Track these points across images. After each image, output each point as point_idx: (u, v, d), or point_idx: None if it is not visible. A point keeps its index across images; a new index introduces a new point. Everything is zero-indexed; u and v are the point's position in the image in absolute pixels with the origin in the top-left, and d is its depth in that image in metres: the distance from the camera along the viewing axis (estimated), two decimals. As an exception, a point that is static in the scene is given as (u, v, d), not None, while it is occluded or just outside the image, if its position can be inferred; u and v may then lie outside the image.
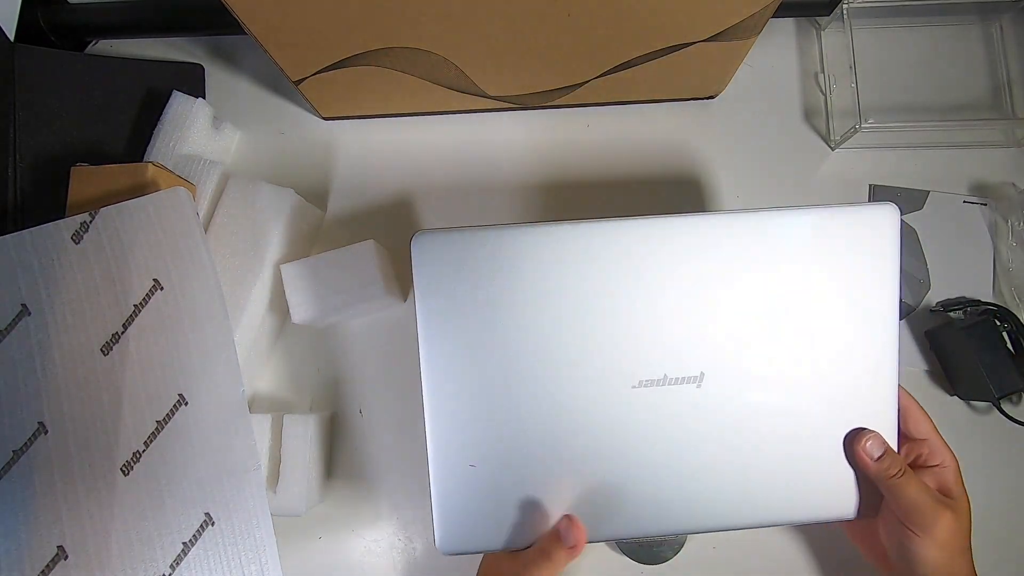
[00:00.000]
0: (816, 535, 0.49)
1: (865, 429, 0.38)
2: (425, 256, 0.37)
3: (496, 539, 0.38)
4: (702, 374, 0.37)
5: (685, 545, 0.47)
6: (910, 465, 0.39)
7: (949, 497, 0.39)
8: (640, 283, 0.37)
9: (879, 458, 0.38)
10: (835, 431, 0.38)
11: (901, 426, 0.40)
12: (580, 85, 0.52)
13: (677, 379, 0.37)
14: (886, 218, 0.37)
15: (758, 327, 0.37)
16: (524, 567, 0.37)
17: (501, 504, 0.37)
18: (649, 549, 0.47)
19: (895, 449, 0.39)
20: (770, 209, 0.37)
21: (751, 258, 0.37)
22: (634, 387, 0.37)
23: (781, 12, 0.48)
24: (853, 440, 0.39)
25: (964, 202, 0.53)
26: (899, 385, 0.39)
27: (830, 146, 0.55)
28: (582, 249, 0.37)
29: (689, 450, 0.38)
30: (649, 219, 0.37)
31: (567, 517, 0.38)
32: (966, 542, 0.39)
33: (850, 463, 0.39)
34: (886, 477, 0.38)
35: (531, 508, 0.38)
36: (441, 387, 0.37)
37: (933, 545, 0.38)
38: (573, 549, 0.37)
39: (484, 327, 0.37)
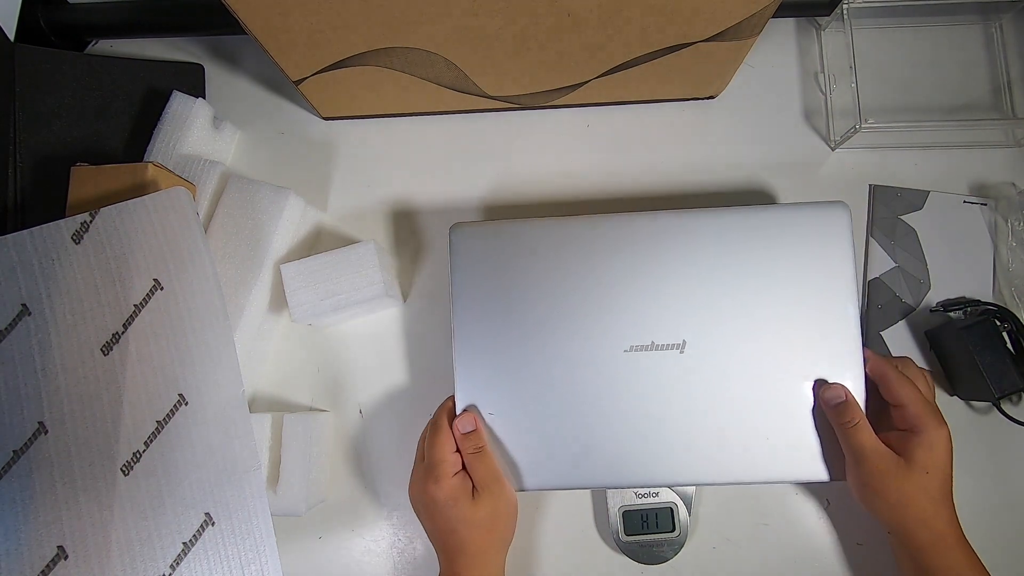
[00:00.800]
0: (817, 535, 0.49)
1: (830, 382, 0.43)
2: (461, 243, 0.46)
3: (509, 475, 0.45)
4: (684, 342, 0.44)
5: (685, 545, 0.47)
6: (899, 430, 0.41)
7: (916, 432, 0.40)
8: (632, 267, 0.45)
9: (835, 406, 0.42)
10: (807, 395, 0.44)
11: (884, 394, 0.42)
12: (580, 85, 0.52)
13: (662, 345, 0.44)
14: (837, 215, 0.45)
15: (734, 303, 0.44)
16: (482, 474, 0.43)
17: (514, 447, 0.45)
18: (649, 549, 0.47)
19: (861, 406, 0.42)
20: (745, 207, 0.46)
21: (729, 247, 0.45)
22: (625, 351, 0.44)
23: (781, 12, 0.48)
24: (820, 391, 0.43)
25: (964, 202, 0.53)
26: (874, 355, 0.44)
27: (830, 146, 0.55)
28: (590, 238, 0.45)
29: (672, 408, 0.44)
30: (642, 215, 0.46)
31: (456, 418, 0.44)
32: (929, 490, 0.40)
33: (826, 430, 0.43)
34: (838, 423, 0.42)
35: (538, 451, 0.44)
36: (468, 352, 0.45)
37: (882, 497, 0.40)
38: (477, 429, 0.44)
39: (507, 301, 0.45)
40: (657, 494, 0.47)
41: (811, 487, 0.49)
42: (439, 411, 0.45)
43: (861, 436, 0.41)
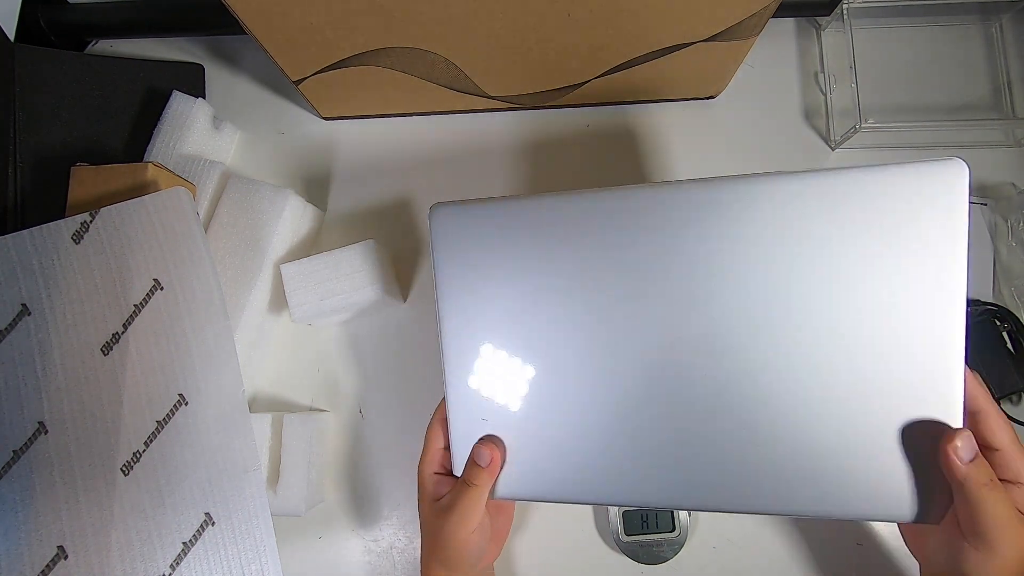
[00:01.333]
0: (817, 535, 0.49)
1: (954, 428, 0.33)
2: (442, 226, 0.38)
3: (504, 486, 0.39)
4: (722, 345, 0.34)
5: (685, 545, 0.47)
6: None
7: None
8: (654, 249, 0.35)
9: (970, 462, 0.33)
10: (889, 420, 0.33)
11: (978, 433, 0.34)
12: (580, 85, 0.52)
13: (692, 348, 0.35)
14: (952, 176, 0.31)
15: (796, 300, 0.34)
16: (453, 500, 0.39)
17: (510, 455, 0.39)
18: (649, 549, 0.47)
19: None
20: (812, 171, 0.34)
21: (786, 223, 0.34)
22: (645, 353, 0.36)
23: (781, 12, 0.48)
24: (942, 439, 0.33)
25: (964, 202, 0.52)
26: (975, 379, 0.34)
27: (830, 146, 0.55)
28: (595, 218, 0.36)
29: (702, 423, 0.35)
30: (667, 185, 0.36)
31: (480, 439, 0.39)
32: None
33: (914, 458, 0.33)
34: (974, 484, 0.32)
35: (535, 461, 0.38)
36: (459, 344, 0.39)
37: (995, 566, 0.33)
38: (491, 466, 0.38)
39: (499, 291, 0.38)
40: None
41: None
42: (440, 405, 0.42)
43: (997, 503, 0.32)
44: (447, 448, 0.41)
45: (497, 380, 0.39)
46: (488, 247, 0.38)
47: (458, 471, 0.40)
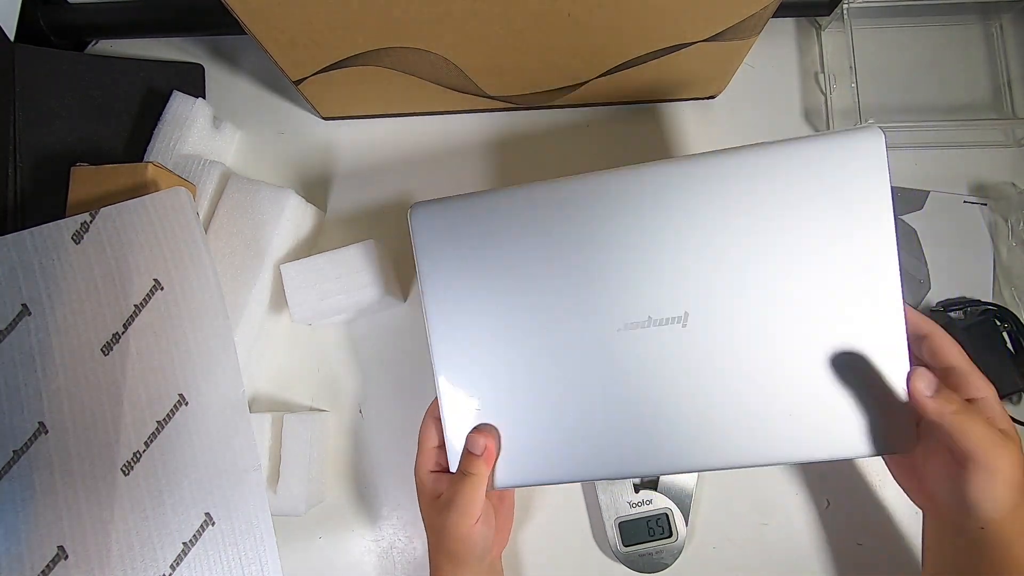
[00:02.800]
0: (817, 535, 0.49)
1: (912, 368, 0.36)
2: (423, 224, 0.41)
3: (502, 475, 0.40)
4: (686, 313, 0.38)
5: (685, 549, 0.47)
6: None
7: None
8: (620, 231, 0.39)
9: (933, 395, 0.35)
10: (843, 365, 0.37)
11: (927, 356, 0.37)
12: (580, 85, 0.52)
13: (661, 319, 0.38)
14: (868, 142, 0.36)
15: (742, 262, 0.38)
16: (453, 493, 0.39)
17: (505, 441, 0.40)
18: (649, 558, 0.47)
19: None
20: (749, 146, 0.38)
21: (732, 196, 0.37)
22: (619, 330, 0.39)
23: (781, 12, 0.48)
24: (907, 383, 0.36)
25: (964, 202, 0.53)
26: (917, 311, 0.38)
27: (830, 146, 0.55)
28: (564, 204, 0.39)
29: (678, 389, 0.38)
30: (626, 169, 0.39)
31: (473, 429, 0.40)
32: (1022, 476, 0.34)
33: (872, 397, 0.37)
34: (947, 415, 0.34)
35: (530, 444, 0.40)
36: (447, 341, 0.40)
37: (999, 483, 0.34)
38: (486, 453, 0.39)
39: (481, 283, 0.40)
40: (651, 502, 0.47)
41: (811, 486, 0.49)
42: (433, 402, 0.43)
43: (975, 425, 0.34)
44: (441, 447, 0.41)
45: (485, 371, 0.40)
46: (466, 241, 0.40)
47: (454, 466, 0.40)
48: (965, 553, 0.36)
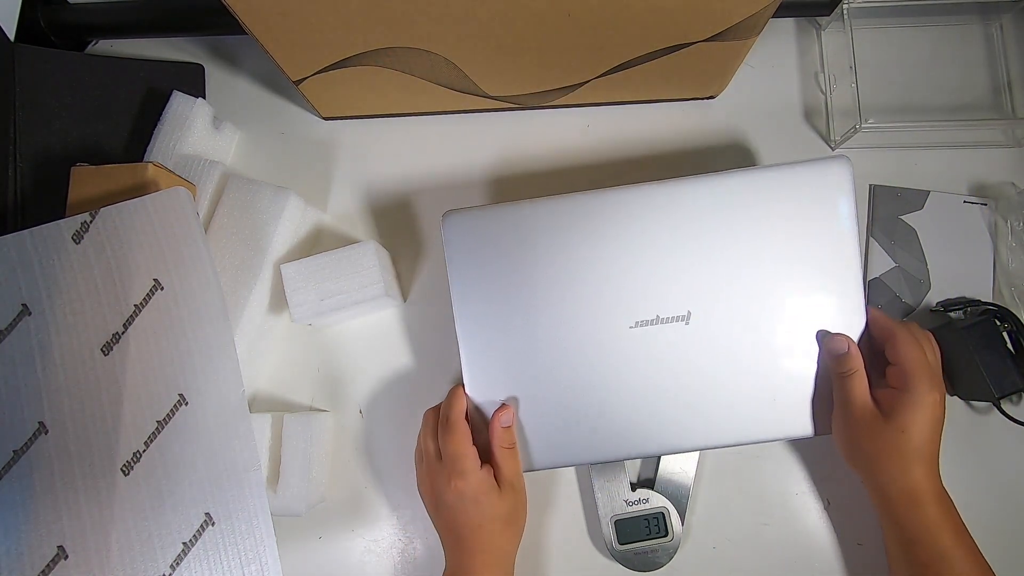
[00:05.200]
0: (817, 535, 0.49)
1: (835, 333, 0.43)
2: (454, 231, 0.45)
3: (538, 458, 0.45)
4: (689, 313, 0.44)
5: (683, 548, 0.47)
6: (893, 388, 0.41)
7: (904, 391, 0.40)
8: (633, 241, 0.44)
9: (837, 356, 0.42)
10: (812, 354, 0.44)
11: (890, 356, 0.42)
12: (580, 85, 0.52)
13: (668, 318, 0.44)
14: (839, 170, 0.44)
15: (736, 269, 0.44)
16: (508, 472, 0.43)
17: (526, 429, 0.45)
18: (644, 556, 0.47)
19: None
20: (741, 170, 0.44)
21: (726, 212, 0.44)
22: (631, 327, 0.44)
23: (781, 12, 0.48)
24: (824, 341, 0.43)
25: (964, 202, 0.53)
26: (884, 315, 0.43)
27: (830, 146, 0.55)
28: (583, 217, 0.44)
29: (681, 379, 0.44)
30: (635, 187, 0.45)
31: (495, 411, 0.44)
32: (902, 448, 0.40)
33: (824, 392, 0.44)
34: (837, 372, 0.42)
35: (550, 431, 0.45)
36: (473, 342, 0.45)
37: (857, 448, 0.41)
38: (508, 428, 0.44)
39: (506, 286, 0.45)
40: (647, 500, 0.47)
41: (811, 486, 0.49)
42: (448, 406, 0.44)
43: (853, 385, 0.41)
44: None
45: (511, 368, 0.45)
46: (493, 247, 0.45)
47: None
48: (897, 516, 0.41)
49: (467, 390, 0.45)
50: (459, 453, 0.42)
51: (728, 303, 0.44)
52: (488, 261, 0.45)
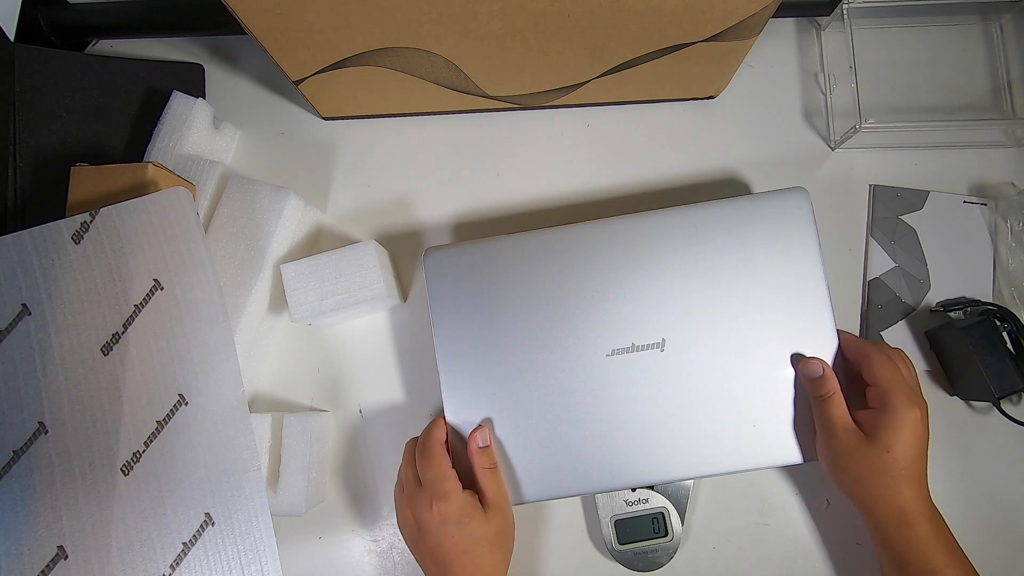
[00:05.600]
0: (817, 535, 0.49)
1: (810, 357, 0.44)
2: (435, 266, 0.47)
3: (527, 491, 0.45)
4: (664, 340, 0.45)
5: (683, 548, 0.47)
6: (872, 409, 0.41)
7: (884, 411, 0.40)
8: (606, 272, 0.45)
9: (813, 379, 0.42)
10: (786, 379, 0.44)
11: (867, 377, 0.42)
12: (580, 85, 0.52)
13: (643, 346, 0.45)
14: (799, 200, 0.45)
15: (708, 297, 0.45)
16: (492, 492, 0.42)
17: (508, 461, 0.45)
18: (644, 556, 0.47)
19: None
20: (709, 202, 0.46)
21: (697, 242, 0.45)
22: (607, 355, 0.45)
23: (781, 12, 0.48)
24: (799, 365, 0.44)
25: (964, 202, 0.53)
26: (857, 338, 0.44)
27: (830, 146, 0.55)
28: (559, 250, 0.46)
29: (658, 407, 0.44)
30: (608, 221, 0.46)
31: (472, 432, 0.44)
32: (889, 469, 0.40)
33: (803, 420, 0.44)
34: (814, 396, 0.42)
35: (530, 463, 0.45)
36: (453, 372, 0.45)
37: (845, 472, 0.41)
38: (486, 448, 0.44)
39: (486, 318, 0.46)
40: (647, 500, 0.47)
41: (811, 486, 0.49)
42: (426, 434, 0.44)
43: (832, 409, 0.41)
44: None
45: (491, 398, 0.45)
46: (473, 281, 0.46)
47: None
48: (888, 537, 0.41)
49: (448, 420, 0.45)
50: (438, 476, 0.41)
51: (701, 330, 0.44)
52: (468, 295, 0.46)
